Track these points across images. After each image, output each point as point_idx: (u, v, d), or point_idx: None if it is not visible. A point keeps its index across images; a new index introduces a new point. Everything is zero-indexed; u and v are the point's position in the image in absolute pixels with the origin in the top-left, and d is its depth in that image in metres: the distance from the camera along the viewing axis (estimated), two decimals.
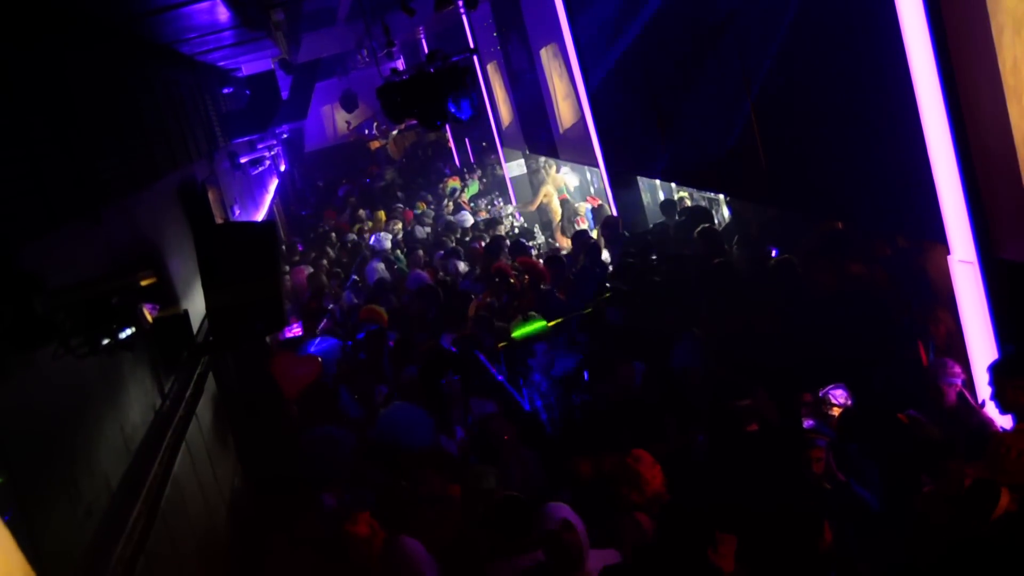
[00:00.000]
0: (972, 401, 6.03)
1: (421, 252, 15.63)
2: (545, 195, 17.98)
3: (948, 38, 5.54)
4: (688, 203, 13.05)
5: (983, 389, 5.82)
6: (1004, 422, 5.70)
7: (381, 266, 14.76)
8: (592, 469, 6.12)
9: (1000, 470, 4.83)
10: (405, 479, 6.60)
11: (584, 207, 16.51)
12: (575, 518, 5.22)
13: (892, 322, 7.00)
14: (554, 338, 8.88)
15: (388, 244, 16.69)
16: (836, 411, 6.07)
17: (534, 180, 19.77)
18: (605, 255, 11.66)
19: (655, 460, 5.74)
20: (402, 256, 15.93)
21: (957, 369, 6.06)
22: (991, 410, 5.78)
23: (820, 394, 6.11)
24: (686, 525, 4.99)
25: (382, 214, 20.52)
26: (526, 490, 6.38)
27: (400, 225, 18.93)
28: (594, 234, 13.24)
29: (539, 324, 8.96)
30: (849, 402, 6.08)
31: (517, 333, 8.94)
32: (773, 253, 9.32)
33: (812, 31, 7.02)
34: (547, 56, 14.57)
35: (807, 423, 5.84)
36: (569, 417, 7.54)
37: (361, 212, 21.30)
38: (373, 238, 16.91)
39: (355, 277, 14.42)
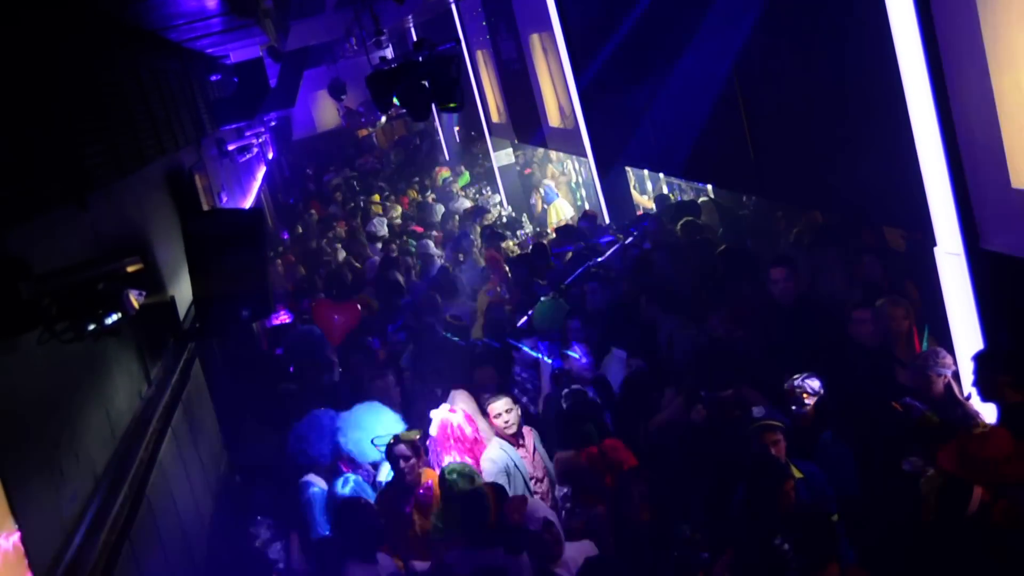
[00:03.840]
0: (958, 393, 6.06)
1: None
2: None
3: (936, 28, 5.56)
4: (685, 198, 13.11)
5: (967, 378, 5.85)
6: (986, 412, 5.75)
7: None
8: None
9: (964, 471, 4.89)
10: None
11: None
12: (553, 516, 5.48)
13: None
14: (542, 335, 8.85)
15: (385, 230, 16.83)
16: (807, 398, 6.09)
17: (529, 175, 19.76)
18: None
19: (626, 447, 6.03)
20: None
21: (949, 360, 6.08)
22: (975, 402, 5.82)
23: (795, 383, 6.12)
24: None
25: (377, 198, 20.59)
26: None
27: (399, 211, 19.01)
28: None
29: None
30: (822, 391, 6.10)
31: None
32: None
33: (800, 22, 7.04)
34: (536, 45, 14.55)
35: (757, 411, 5.85)
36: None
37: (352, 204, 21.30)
38: (370, 224, 17.01)
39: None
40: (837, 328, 6.92)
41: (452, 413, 6.81)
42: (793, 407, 6.13)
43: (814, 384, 6.09)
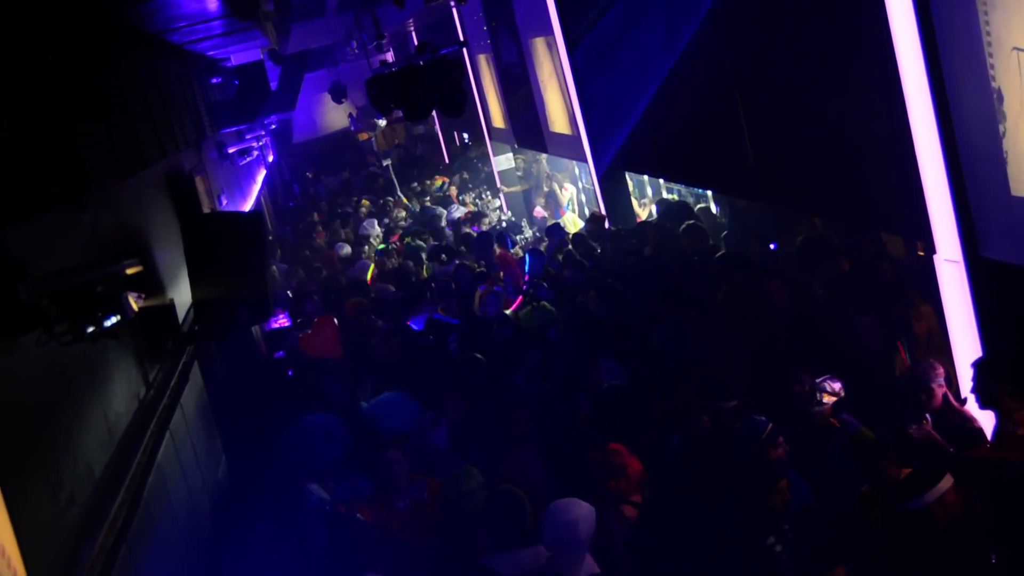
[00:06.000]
0: (954, 400, 6.07)
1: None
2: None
3: (936, 34, 5.57)
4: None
5: (966, 386, 5.86)
6: (983, 418, 5.75)
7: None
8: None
9: (1008, 445, 4.94)
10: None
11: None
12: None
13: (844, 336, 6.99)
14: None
15: (376, 230, 16.92)
16: (827, 397, 6.09)
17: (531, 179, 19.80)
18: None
19: (630, 451, 5.96)
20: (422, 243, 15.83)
21: (941, 370, 6.10)
22: (972, 407, 5.82)
23: (816, 381, 6.12)
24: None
25: (366, 202, 20.67)
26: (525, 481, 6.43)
27: (404, 213, 19.10)
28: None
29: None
30: (843, 393, 6.10)
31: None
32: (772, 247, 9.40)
33: (800, 27, 7.04)
34: (537, 49, 14.55)
35: (760, 421, 5.85)
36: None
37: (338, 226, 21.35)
38: (361, 225, 17.09)
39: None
40: (838, 338, 6.89)
41: None
42: (808, 406, 6.14)
43: (835, 385, 6.10)
